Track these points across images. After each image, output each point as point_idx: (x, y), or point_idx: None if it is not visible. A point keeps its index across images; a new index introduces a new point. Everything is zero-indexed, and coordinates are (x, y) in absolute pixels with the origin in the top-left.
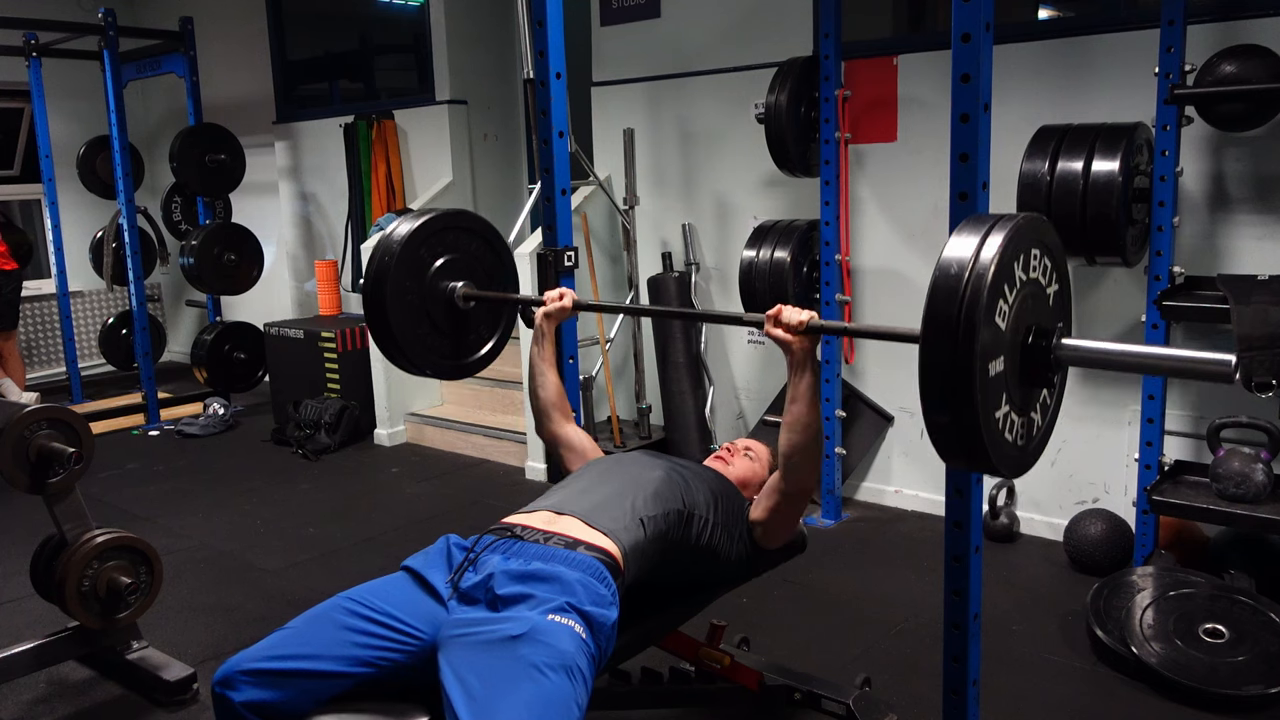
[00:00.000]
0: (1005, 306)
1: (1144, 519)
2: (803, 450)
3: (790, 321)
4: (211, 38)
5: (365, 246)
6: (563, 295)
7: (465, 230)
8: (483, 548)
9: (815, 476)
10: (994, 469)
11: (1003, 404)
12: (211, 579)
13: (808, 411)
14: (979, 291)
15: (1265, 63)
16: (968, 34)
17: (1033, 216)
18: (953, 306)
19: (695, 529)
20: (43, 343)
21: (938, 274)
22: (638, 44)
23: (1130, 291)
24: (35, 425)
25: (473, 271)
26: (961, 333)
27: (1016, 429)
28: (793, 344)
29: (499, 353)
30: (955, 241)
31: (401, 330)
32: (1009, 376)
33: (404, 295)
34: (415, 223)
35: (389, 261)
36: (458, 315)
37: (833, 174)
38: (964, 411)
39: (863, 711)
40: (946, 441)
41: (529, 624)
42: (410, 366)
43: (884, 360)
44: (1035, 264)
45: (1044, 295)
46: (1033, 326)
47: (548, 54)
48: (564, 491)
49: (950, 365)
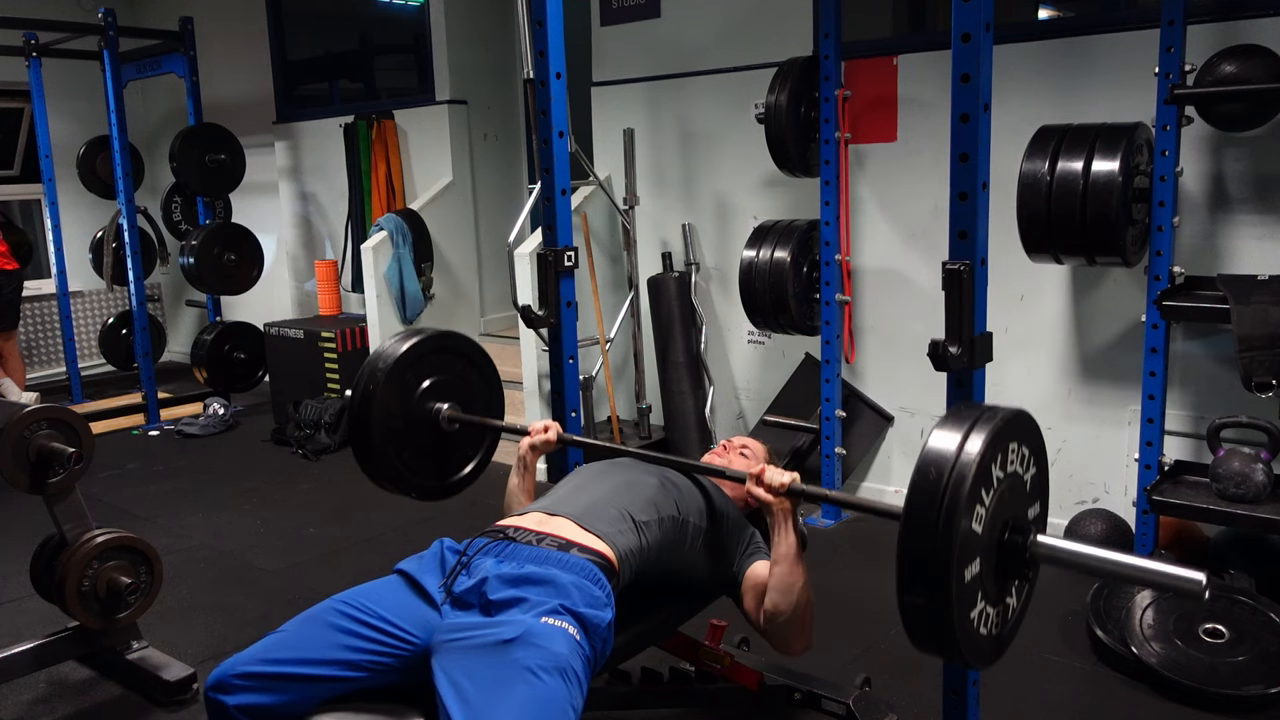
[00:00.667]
0: (982, 510)
1: (1144, 519)
2: (786, 614)
3: (773, 484)
4: (211, 38)
5: (365, 246)
6: (547, 428)
7: (453, 352)
8: (475, 551)
9: (803, 644)
10: (967, 664)
11: (978, 602)
12: (211, 579)
13: (791, 572)
14: (957, 499)
15: (1265, 63)
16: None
17: (1014, 413)
18: (931, 510)
19: (689, 537)
20: (43, 343)
21: (916, 477)
22: (638, 44)
23: (1130, 291)
24: (35, 425)
25: (459, 392)
26: (940, 539)
27: (991, 622)
28: (773, 505)
29: (482, 471)
30: (936, 438)
31: (385, 456)
32: (985, 576)
33: (389, 421)
34: (404, 345)
35: (374, 389)
36: (442, 436)
37: (833, 174)
38: (938, 613)
39: (863, 711)
40: (919, 631)
41: (522, 627)
42: (393, 487)
43: (884, 360)
44: (1013, 457)
45: (1021, 483)
46: (1009, 522)
47: (548, 54)
48: (557, 493)
49: (928, 569)
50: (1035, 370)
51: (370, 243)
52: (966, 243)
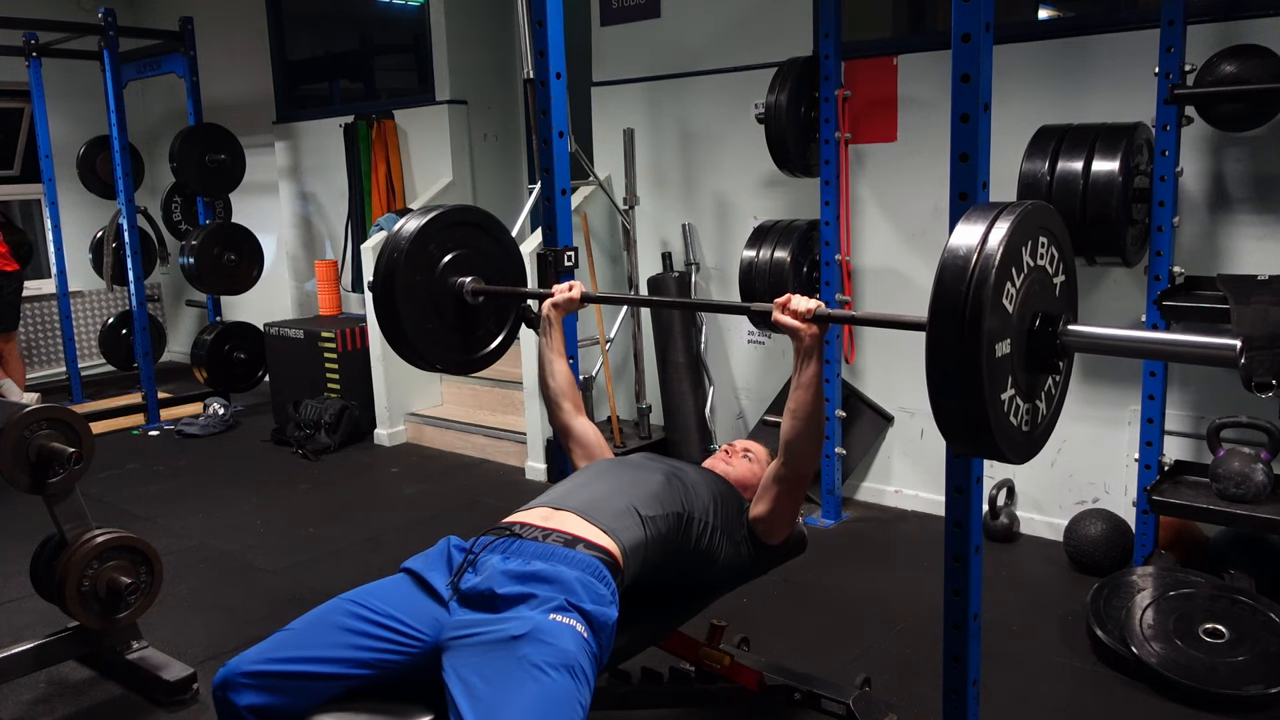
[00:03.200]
0: (1013, 290)
1: (1144, 519)
2: (807, 436)
3: (799, 309)
4: (211, 38)
5: (365, 246)
6: (571, 287)
7: (473, 225)
8: (481, 548)
9: (816, 461)
10: (999, 453)
11: (1009, 387)
12: (211, 579)
13: (813, 399)
14: (987, 273)
15: (1265, 63)
16: (968, 34)
17: (1040, 204)
18: (960, 287)
19: (695, 531)
20: (43, 343)
21: (946, 257)
22: (638, 44)
23: (1130, 291)
24: (35, 425)
25: (481, 267)
26: (969, 314)
27: (1022, 414)
28: (801, 330)
29: (508, 347)
30: (962, 228)
31: (412, 325)
32: (1015, 360)
33: (414, 291)
34: (424, 219)
35: (398, 258)
36: (467, 310)
37: (833, 174)
38: (970, 393)
39: (863, 711)
40: (952, 425)
41: (531, 623)
42: (421, 362)
43: (884, 360)
44: (1043, 251)
45: (1051, 284)
46: (1039, 313)
47: (548, 54)
48: (562, 487)
49: (957, 346)
50: None
51: (370, 243)
52: None
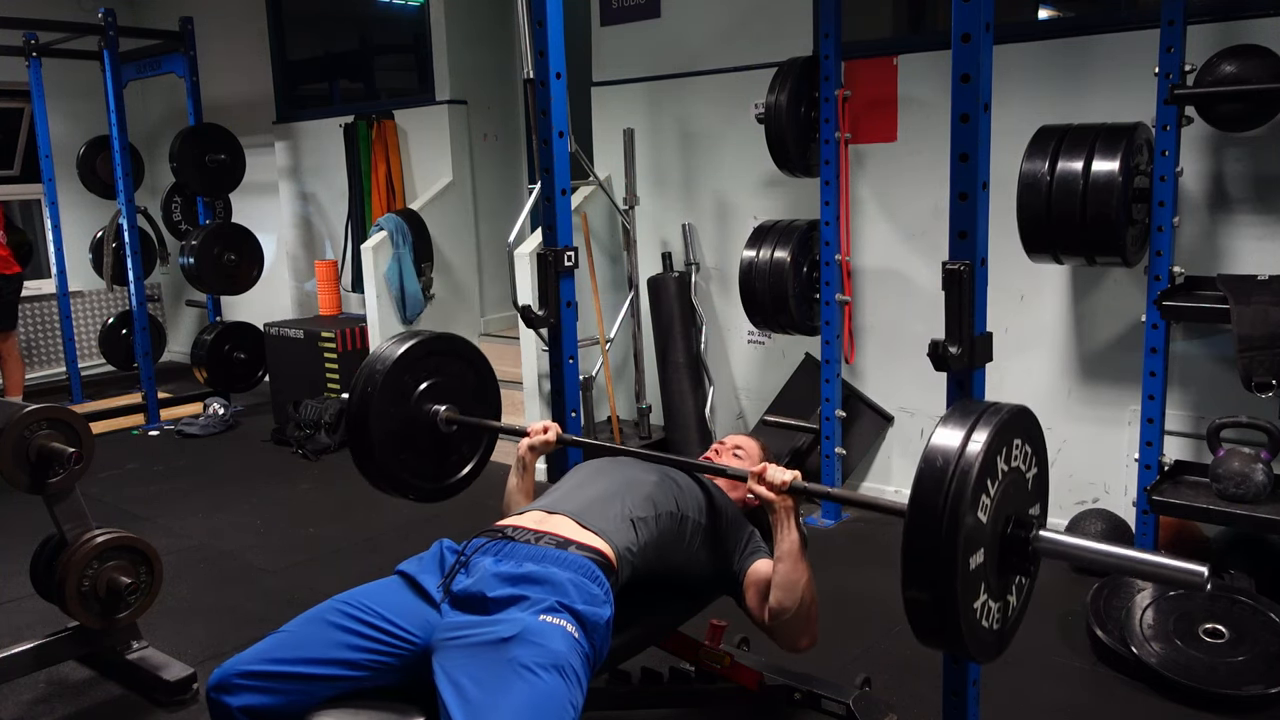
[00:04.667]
0: (987, 500)
1: (1144, 519)
2: (791, 610)
3: (774, 481)
4: (211, 38)
5: (365, 246)
6: (546, 429)
7: (450, 354)
8: (474, 550)
9: (809, 640)
10: (970, 656)
11: (981, 594)
12: (211, 579)
13: (794, 569)
14: (964, 487)
15: (1265, 63)
16: (968, 34)
17: (1018, 409)
18: (938, 499)
19: (688, 533)
20: (43, 343)
21: (924, 465)
22: (638, 44)
23: (1130, 291)
24: (35, 425)
25: (456, 394)
26: (945, 527)
27: (993, 616)
28: (775, 502)
29: (480, 472)
30: (942, 432)
31: (383, 457)
32: (988, 568)
33: (387, 422)
34: (401, 348)
35: (371, 391)
36: (440, 438)
37: (833, 174)
38: (943, 603)
39: (863, 711)
40: (924, 624)
41: (520, 625)
42: (391, 490)
43: (884, 360)
44: (1017, 453)
45: (1024, 481)
46: (1012, 517)
47: (548, 54)
48: (557, 492)
49: (933, 558)
50: (1035, 370)
51: (370, 243)
52: (966, 243)
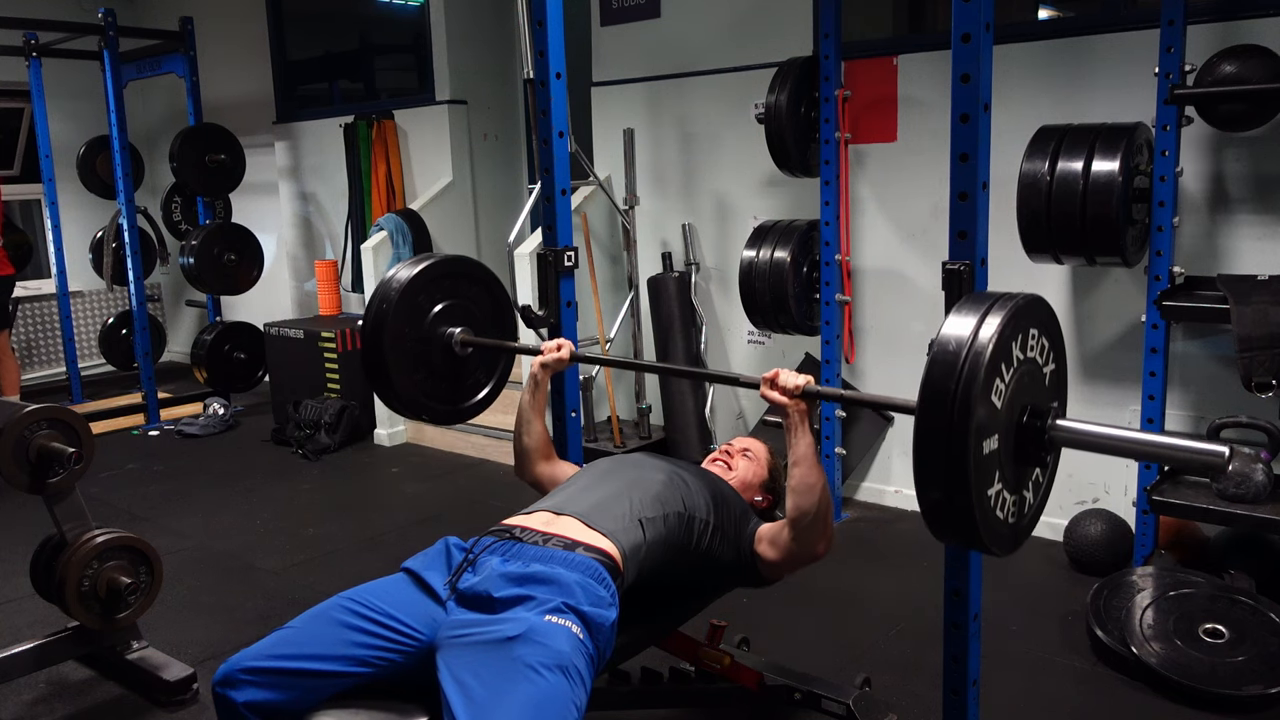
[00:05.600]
0: (1001, 386)
1: (1144, 519)
2: (811, 514)
3: (787, 385)
4: (211, 38)
5: (366, 246)
6: (560, 346)
7: (464, 276)
8: (481, 549)
9: (826, 542)
10: (985, 547)
11: (995, 482)
12: (211, 579)
13: (810, 472)
14: (976, 369)
15: (1265, 63)
16: (968, 34)
17: (1032, 297)
18: (949, 383)
19: (695, 532)
20: (43, 343)
21: (936, 350)
22: (638, 44)
23: (1130, 291)
24: (35, 425)
25: (471, 317)
26: (957, 410)
27: (1008, 507)
28: (789, 407)
29: (496, 396)
30: (954, 320)
31: (399, 375)
32: (1003, 455)
33: (401, 341)
34: (415, 269)
35: (386, 309)
36: (455, 361)
37: (833, 174)
38: (956, 488)
39: (863, 711)
40: (938, 517)
41: (526, 625)
42: (407, 411)
43: (884, 360)
44: (1033, 343)
45: (1040, 375)
46: (1028, 406)
47: (548, 54)
48: (564, 493)
49: (945, 442)
50: None
51: (370, 243)
52: (966, 243)
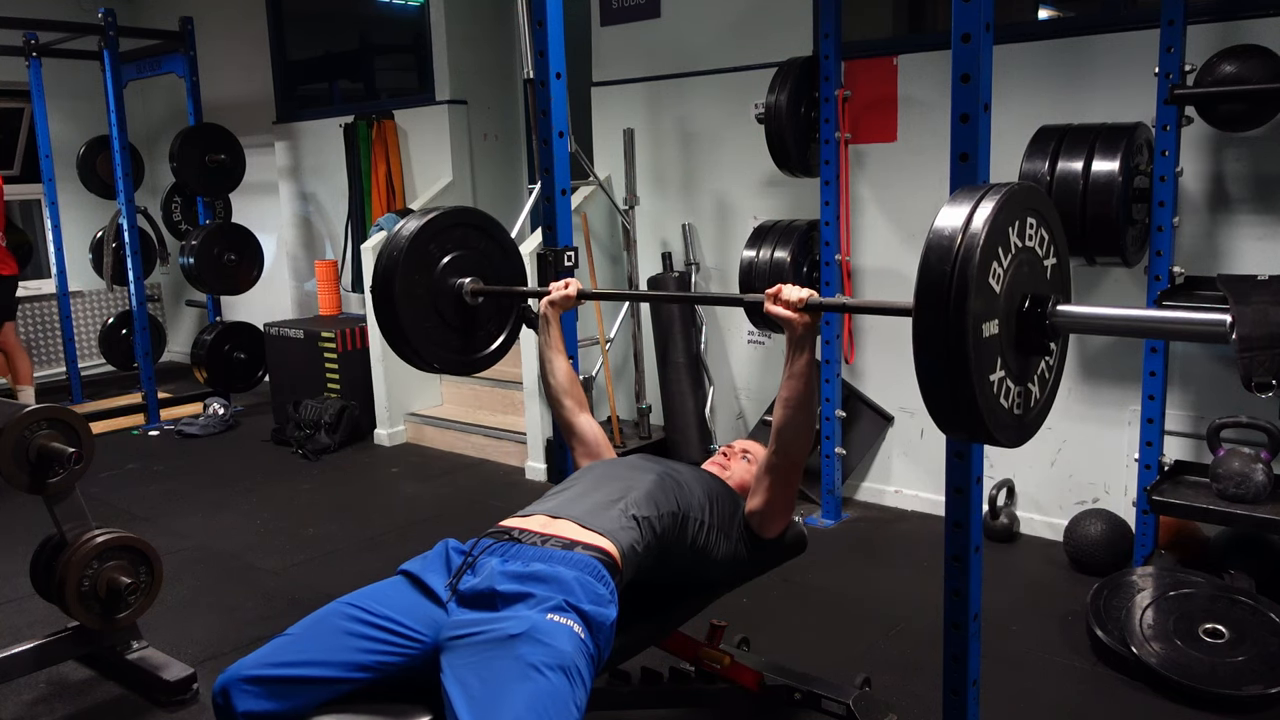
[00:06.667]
0: (999, 269)
1: (1144, 519)
2: (799, 424)
3: (791, 298)
4: (211, 38)
5: (365, 246)
6: (567, 284)
7: (473, 227)
8: (480, 550)
9: (808, 446)
10: (989, 435)
11: (998, 369)
12: (211, 579)
13: (805, 387)
14: (971, 252)
15: (1265, 63)
16: (968, 34)
17: (1028, 185)
18: (945, 267)
19: (691, 530)
20: (43, 343)
21: (931, 237)
22: (638, 44)
23: (1130, 291)
24: (35, 425)
25: (481, 268)
26: (954, 294)
27: (1014, 397)
28: (794, 320)
29: (508, 348)
30: (947, 210)
31: (411, 325)
32: (1004, 341)
33: (413, 290)
34: (423, 219)
35: (397, 256)
36: (466, 311)
37: (833, 174)
38: (957, 374)
39: (863, 711)
40: (941, 407)
41: (528, 623)
42: (419, 361)
43: (884, 360)
44: (1031, 233)
45: (1041, 266)
46: (1029, 294)
47: (548, 54)
48: (559, 496)
49: (942, 326)
50: None
51: (370, 243)
52: None
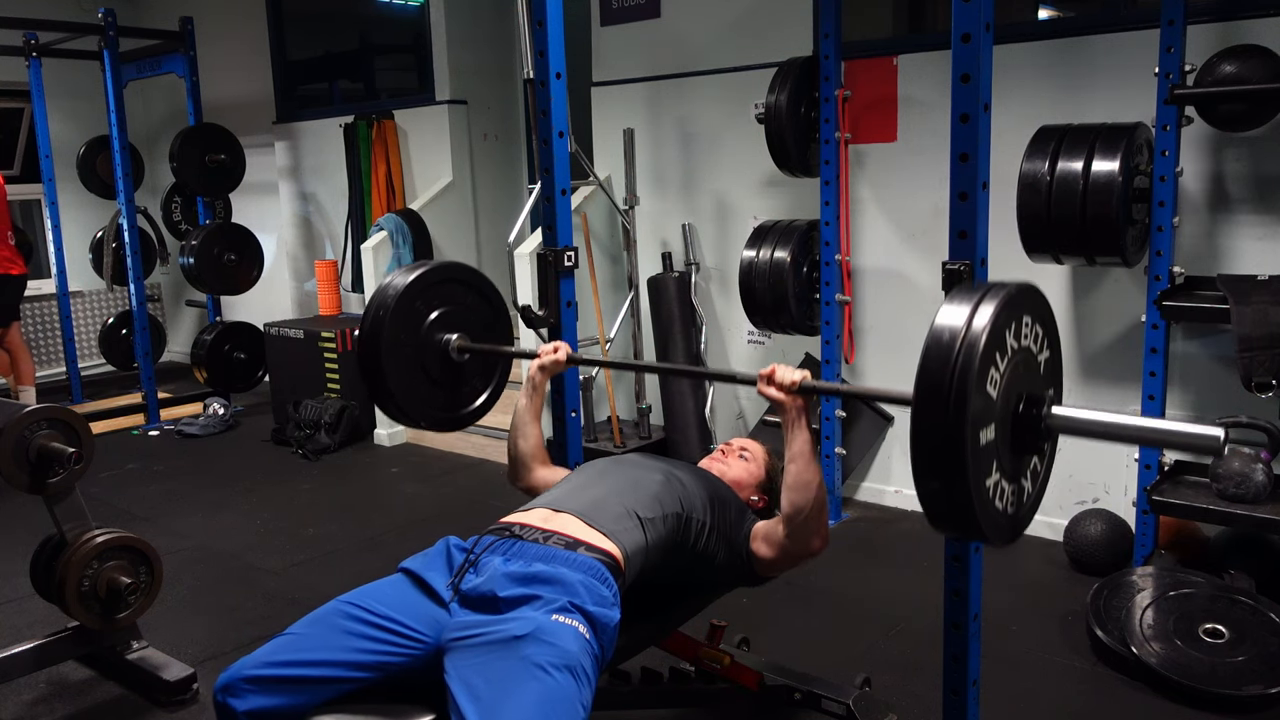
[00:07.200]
0: (997, 375)
1: (1144, 519)
2: (806, 510)
3: (784, 381)
4: (211, 38)
5: (366, 246)
6: (557, 349)
7: (460, 283)
8: (482, 549)
9: (822, 539)
10: (984, 537)
11: (993, 472)
12: (211, 579)
13: (806, 468)
14: (971, 359)
15: (1265, 63)
16: (968, 34)
17: (1025, 285)
18: (945, 374)
19: (693, 533)
20: (43, 343)
21: (930, 341)
22: (638, 44)
23: (1130, 291)
24: (35, 425)
25: (468, 324)
26: (953, 400)
27: (1007, 497)
28: (786, 403)
29: (493, 404)
30: (947, 309)
31: (397, 384)
32: (1000, 445)
33: (399, 348)
34: (410, 275)
35: (384, 315)
36: (452, 367)
37: (833, 174)
38: (954, 480)
39: (863, 711)
40: (937, 508)
41: (533, 624)
42: (404, 418)
43: (884, 361)
44: (1027, 331)
45: (1035, 363)
46: (1024, 395)
47: (548, 54)
48: (561, 488)
49: (942, 433)
50: None
51: (370, 243)
52: (966, 243)
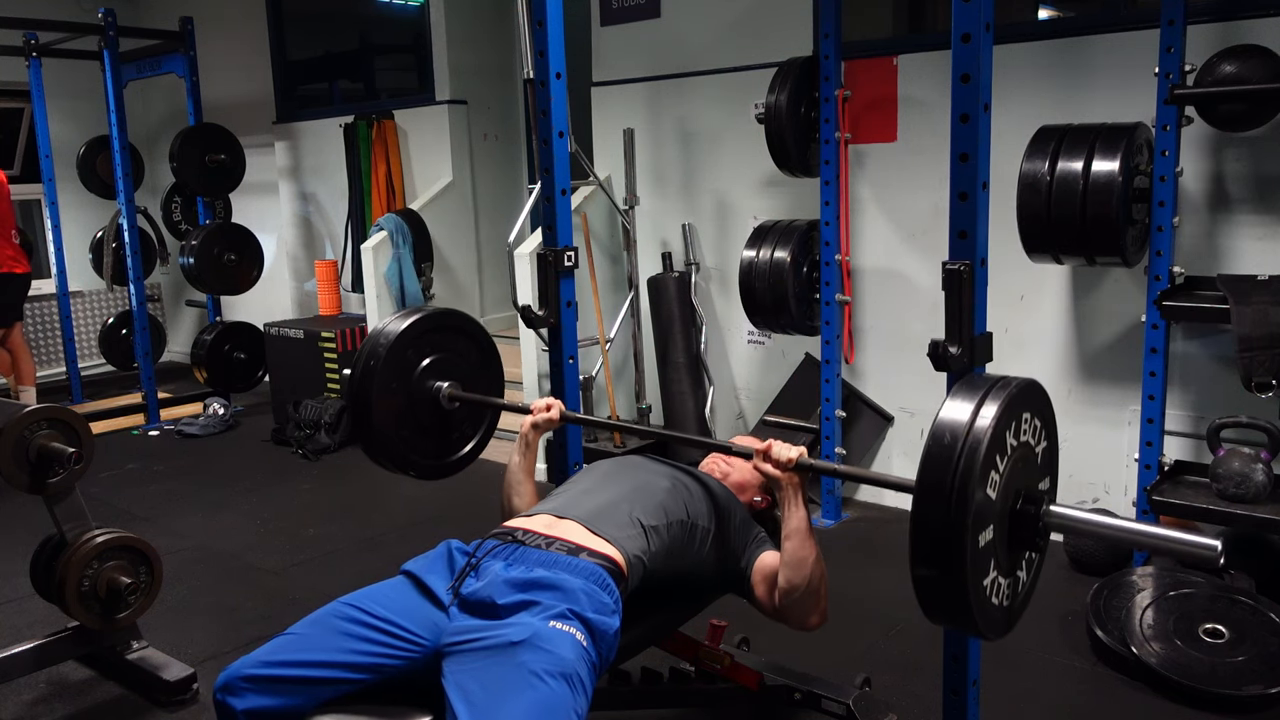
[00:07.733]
0: (996, 476)
1: (1144, 519)
2: (802, 588)
3: (780, 458)
4: (211, 38)
5: (366, 247)
6: (549, 406)
7: (453, 330)
8: (484, 553)
9: (820, 615)
10: (980, 633)
11: (990, 570)
12: (211, 579)
13: (802, 545)
14: (972, 463)
15: (1265, 63)
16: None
17: (1026, 383)
18: (946, 475)
19: (697, 540)
20: (43, 343)
21: (931, 440)
22: (638, 44)
23: (1130, 291)
24: (35, 425)
25: (459, 371)
26: (954, 504)
27: (1003, 592)
28: (782, 480)
29: (481, 451)
30: (951, 406)
31: (386, 430)
32: (998, 544)
33: (389, 395)
34: (404, 323)
35: (375, 365)
36: (442, 415)
37: (833, 174)
38: (953, 580)
39: (863, 711)
40: (933, 601)
41: (530, 630)
42: (392, 466)
43: (884, 361)
44: (1026, 427)
45: (1033, 456)
46: (1021, 492)
47: (548, 54)
48: (565, 494)
49: (942, 535)
50: (1035, 370)
51: (370, 243)
52: (966, 243)
